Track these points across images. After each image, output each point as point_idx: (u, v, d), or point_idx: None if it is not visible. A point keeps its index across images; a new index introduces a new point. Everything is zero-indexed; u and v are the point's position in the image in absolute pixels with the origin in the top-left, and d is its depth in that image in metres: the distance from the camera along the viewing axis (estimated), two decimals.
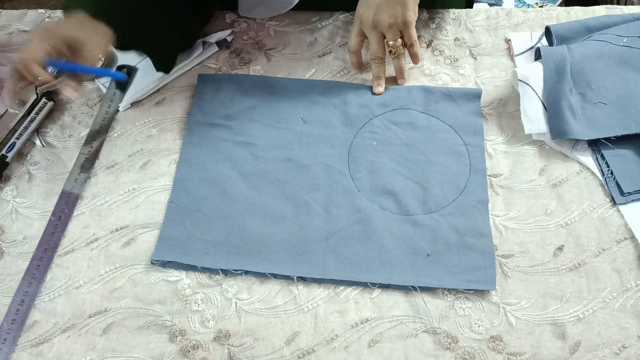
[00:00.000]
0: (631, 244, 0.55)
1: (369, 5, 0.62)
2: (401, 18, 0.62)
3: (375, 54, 0.64)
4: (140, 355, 0.52)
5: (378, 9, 0.61)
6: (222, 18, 0.75)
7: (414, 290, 0.53)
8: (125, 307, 0.54)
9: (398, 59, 0.65)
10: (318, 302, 0.53)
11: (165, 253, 0.56)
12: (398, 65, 0.65)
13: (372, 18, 0.62)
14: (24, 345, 0.53)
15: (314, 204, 0.58)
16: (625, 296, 0.52)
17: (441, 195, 0.58)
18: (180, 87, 0.69)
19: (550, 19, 0.71)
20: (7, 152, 0.63)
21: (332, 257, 0.55)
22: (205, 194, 0.60)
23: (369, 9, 0.62)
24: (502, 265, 0.54)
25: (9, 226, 0.60)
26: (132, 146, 0.64)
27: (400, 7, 0.61)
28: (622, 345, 0.50)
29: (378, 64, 0.65)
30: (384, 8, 0.61)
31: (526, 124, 0.61)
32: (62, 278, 0.56)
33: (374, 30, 0.63)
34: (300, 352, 0.51)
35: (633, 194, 0.57)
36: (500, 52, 0.69)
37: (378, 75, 0.65)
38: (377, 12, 0.61)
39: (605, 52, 0.63)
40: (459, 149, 0.61)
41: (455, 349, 0.51)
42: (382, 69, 0.65)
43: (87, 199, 0.61)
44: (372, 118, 0.64)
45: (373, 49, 0.64)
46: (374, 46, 0.64)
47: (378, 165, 0.61)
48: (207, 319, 0.53)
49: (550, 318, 0.52)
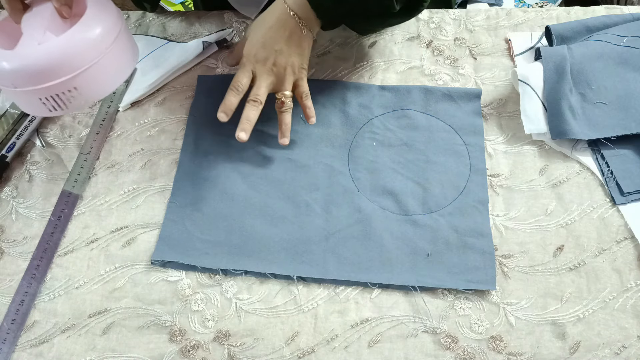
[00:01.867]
0: (631, 244, 0.55)
1: (264, 47, 0.56)
2: (298, 68, 0.57)
3: (257, 97, 0.57)
4: (140, 355, 0.52)
5: (275, 54, 0.56)
6: (222, 18, 0.75)
7: (414, 290, 0.53)
8: (125, 307, 0.54)
9: (287, 113, 0.59)
10: (318, 302, 0.53)
11: (165, 253, 0.56)
12: (286, 120, 0.59)
13: (268, 60, 0.56)
14: (24, 345, 0.53)
15: (314, 204, 0.58)
16: (625, 296, 0.52)
17: (441, 195, 0.58)
18: (180, 87, 0.69)
19: (550, 19, 0.71)
20: (7, 152, 0.63)
21: (332, 257, 0.55)
22: (205, 194, 0.60)
23: (264, 50, 0.56)
24: (502, 265, 0.54)
25: (9, 226, 0.60)
26: (132, 146, 0.64)
27: (298, 57, 0.57)
28: (622, 345, 0.50)
29: (255, 107, 0.57)
30: (281, 55, 0.56)
31: (526, 124, 0.61)
32: (62, 278, 0.56)
33: (266, 73, 0.57)
34: (300, 352, 0.51)
35: (633, 194, 0.57)
36: (500, 52, 0.69)
37: (249, 118, 0.57)
38: (274, 56, 0.56)
39: (605, 52, 0.63)
40: (459, 149, 0.61)
41: (455, 349, 0.51)
42: (255, 115, 0.57)
43: (87, 199, 0.61)
44: (372, 118, 0.64)
45: (258, 91, 0.57)
46: (261, 89, 0.57)
47: (378, 165, 0.61)
48: (207, 319, 0.53)
49: (550, 318, 0.52)
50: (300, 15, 0.56)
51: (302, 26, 0.56)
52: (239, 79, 0.57)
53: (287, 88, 0.58)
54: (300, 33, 0.57)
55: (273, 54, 0.56)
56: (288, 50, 0.56)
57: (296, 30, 0.56)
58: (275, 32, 0.56)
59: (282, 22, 0.56)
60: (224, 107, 0.57)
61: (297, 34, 0.56)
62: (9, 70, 0.49)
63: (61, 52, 0.49)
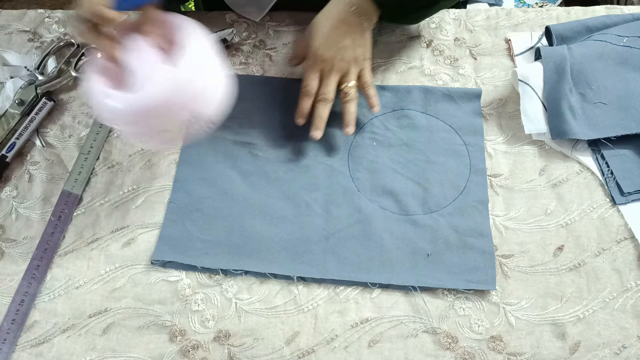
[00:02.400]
0: (631, 244, 0.55)
1: (329, 47, 0.58)
2: (362, 59, 0.60)
3: (327, 95, 0.59)
4: (140, 355, 0.52)
5: (340, 51, 0.58)
6: (222, 18, 0.75)
7: (414, 290, 0.53)
8: (125, 307, 0.54)
9: (351, 103, 0.60)
10: (318, 302, 0.53)
11: (165, 253, 0.56)
12: (351, 110, 0.60)
13: (335, 59, 0.58)
14: (24, 345, 0.53)
15: (313, 204, 0.58)
16: (625, 296, 0.52)
17: (441, 195, 0.58)
18: None
19: (550, 19, 0.71)
20: (7, 152, 0.63)
21: (332, 257, 0.55)
22: (205, 194, 0.60)
23: (330, 50, 0.58)
24: (502, 265, 0.54)
25: (9, 226, 0.60)
26: (132, 146, 0.64)
27: (362, 48, 0.60)
28: (622, 345, 0.50)
29: (326, 105, 0.59)
30: (347, 50, 0.59)
31: (526, 124, 0.61)
32: (62, 278, 0.56)
33: (334, 71, 0.59)
34: (300, 352, 0.51)
35: (633, 194, 0.57)
36: (500, 52, 0.69)
37: (322, 117, 0.59)
38: (340, 53, 0.58)
39: (605, 52, 0.63)
40: (459, 149, 0.61)
41: (455, 349, 0.51)
42: (327, 113, 0.60)
43: (87, 199, 0.61)
44: (372, 118, 0.64)
45: (326, 89, 0.59)
46: (329, 87, 0.59)
47: (378, 165, 0.61)
48: (207, 319, 0.53)
49: (550, 318, 0.52)
50: (360, 8, 0.58)
51: (363, 19, 0.58)
52: (308, 83, 0.59)
53: (351, 79, 0.60)
54: (362, 26, 0.59)
55: (338, 51, 0.58)
56: (352, 45, 0.59)
57: (358, 24, 0.59)
58: (338, 30, 0.58)
59: (343, 19, 0.58)
60: (300, 112, 0.60)
61: (359, 28, 0.59)
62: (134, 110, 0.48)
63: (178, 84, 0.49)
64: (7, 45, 0.74)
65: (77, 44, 0.72)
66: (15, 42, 0.74)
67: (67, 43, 0.72)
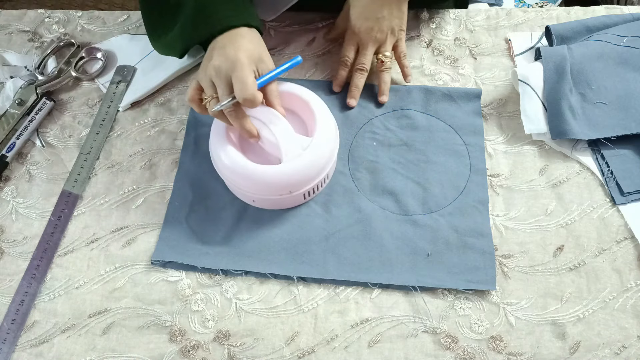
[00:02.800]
0: (631, 244, 0.55)
1: (367, 18, 0.61)
2: (397, 30, 0.62)
3: (364, 65, 0.63)
4: (140, 355, 0.52)
5: (378, 21, 0.61)
6: None
7: (414, 290, 0.53)
8: (125, 307, 0.54)
9: (387, 73, 0.64)
10: (318, 302, 0.53)
11: (165, 253, 0.56)
12: (386, 79, 0.64)
13: (373, 30, 0.61)
14: (24, 345, 0.53)
15: (313, 204, 0.58)
16: (625, 296, 0.52)
17: (441, 195, 0.58)
18: (180, 87, 0.69)
19: (550, 19, 0.71)
20: (7, 152, 0.63)
21: (332, 257, 0.55)
22: (205, 194, 0.60)
23: (368, 21, 0.61)
24: (502, 265, 0.54)
25: (9, 226, 0.60)
26: (132, 146, 0.64)
27: (398, 19, 0.62)
28: (622, 345, 0.50)
29: (363, 74, 0.64)
30: (384, 21, 0.61)
31: (526, 124, 0.61)
32: (62, 278, 0.56)
33: (372, 42, 0.62)
34: (300, 352, 0.51)
35: (633, 194, 0.57)
36: (500, 52, 0.69)
37: (358, 86, 0.64)
38: (377, 24, 0.61)
39: (605, 52, 0.63)
40: (459, 149, 0.61)
41: (455, 349, 0.51)
42: (362, 82, 0.64)
43: (87, 199, 0.61)
44: (372, 118, 0.64)
45: (364, 59, 0.63)
46: (367, 57, 0.63)
47: (378, 165, 0.61)
48: (207, 319, 0.53)
49: (550, 318, 0.52)
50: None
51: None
52: (346, 54, 0.63)
53: (387, 49, 0.63)
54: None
55: (376, 22, 0.61)
56: (389, 16, 0.61)
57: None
58: (375, 2, 0.61)
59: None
60: (337, 81, 0.64)
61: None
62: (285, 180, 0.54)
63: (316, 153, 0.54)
64: (7, 45, 0.74)
65: (77, 44, 0.72)
66: (15, 42, 0.75)
67: (67, 43, 0.72)
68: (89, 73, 0.70)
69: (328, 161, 0.56)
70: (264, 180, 0.54)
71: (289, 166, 0.54)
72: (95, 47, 0.72)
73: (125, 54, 0.71)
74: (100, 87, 0.69)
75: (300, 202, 0.58)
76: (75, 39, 0.73)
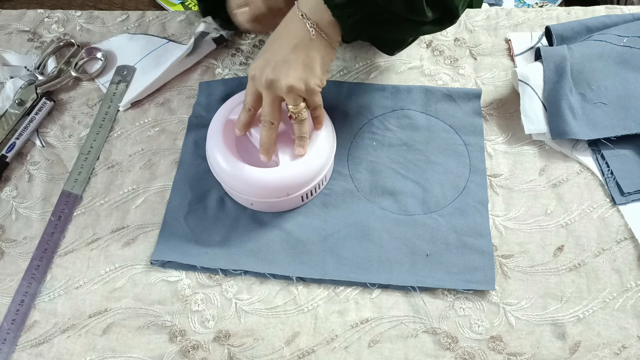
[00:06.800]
0: (631, 244, 0.55)
1: (267, 61, 0.51)
2: (304, 84, 0.51)
3: (265, 118, 0.53)
4: (140, 355, 0.52)
5: (276, 68, 0.50)
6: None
7: (414, 291, 0.53)
8: (125, 307, 0.54)
9: (300, 124, 0.54)
10: (318, 303, 0.53)
11: (165, 253, 0.56)
12: (300, 130, 0.54)
13: (266, 77, 0.50)
14: (24, 346, 0.53)
15: (312, 205, 0.58)
16: (625, 296, 0.52)
17: (441, 196, 0.58)
18: (180, 87, 0.69)
19: (550, 19, 0.71)
20: (7, 152, 0.63)
21: (331, 257, 0.55)
22: (205, 194, 0.60)
23: (266, 65, 0.51)
24: (502, 266, 0.54)
25: (9, 226, 0.60)
26: (132, 146, 0.64)
27: (304, 71, 0.51)
28: (622, 345, 0.50)
29: (268, 129, 0.53)
30: (283, 68, 0.50)
31: (526, 124, 0.61)
32: (62, 278, 0.56)
33: (268, 90, 0.51)
34: (300, 353, 0.51)
35: (633, 194, 0.57)
36: (500, 52, 0.69)
37: (264, 144, 0.54)
38: (274, 71, 0.50)
39: (605, 52, 0.63)
40: (459, 149, 0.61)
41: (455, 349, 0.51)
42: (272, 137, 0.54)
43: (87, 199, 0.61)
44: (371, 118, 0.64)
45: (264, 110, 0.53)
46: (265, 108, 0.52)
47: (378, 166, 0.61)
48: (207, 319, 0.53)
49: (550, 318, 0.52)
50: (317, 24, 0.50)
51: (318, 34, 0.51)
52: (246, 98, 0.54)
53: (293, 104, 0.52)
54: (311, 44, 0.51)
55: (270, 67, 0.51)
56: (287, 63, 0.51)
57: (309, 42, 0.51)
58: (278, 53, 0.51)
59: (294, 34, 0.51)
60: (237, 124, 0.57)
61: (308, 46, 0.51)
62: (283, 183, 0.54)
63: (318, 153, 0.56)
64: (7, 45, 0.74)
65: (77, 44, 0.72)
66: (15, 42, 0.75)
67: (67, 43, 0.72)
68: (89, 73, 0.70)
69: (325, 163, 0.56)
70: (261, 183, 0.54)
71: (286, 169, 0.54)
72: (95, 47, 0.72)
73: (125, 54, 0.72)
74: (100, 87, 0.69)
75: (298, 204, 0.58)
76: (75, 38, 0.73)
